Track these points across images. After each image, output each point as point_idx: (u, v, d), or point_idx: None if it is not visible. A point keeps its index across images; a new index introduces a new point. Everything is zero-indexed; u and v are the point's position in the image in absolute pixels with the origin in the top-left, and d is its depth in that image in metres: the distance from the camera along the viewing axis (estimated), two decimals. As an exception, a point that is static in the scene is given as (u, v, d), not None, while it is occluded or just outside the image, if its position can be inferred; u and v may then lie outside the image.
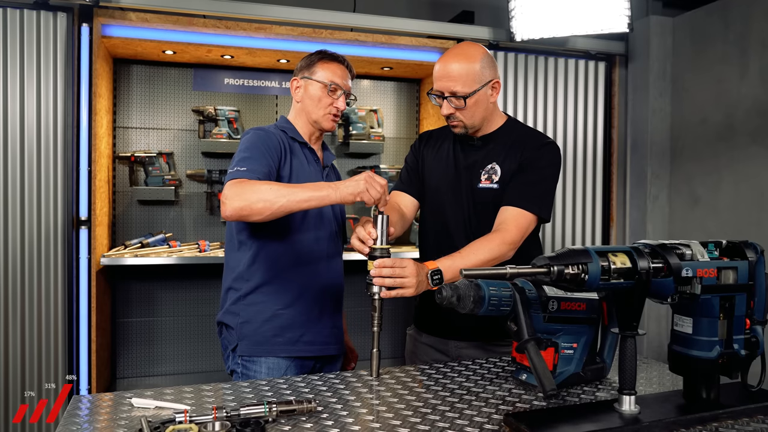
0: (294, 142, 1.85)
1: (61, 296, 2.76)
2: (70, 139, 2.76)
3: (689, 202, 3.61)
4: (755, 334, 1.29)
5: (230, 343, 1.82)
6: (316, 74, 1.87)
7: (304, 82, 1.88)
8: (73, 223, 2.77)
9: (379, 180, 1.54)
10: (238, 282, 1.82)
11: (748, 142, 3.25)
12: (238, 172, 1.62)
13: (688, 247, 1.23)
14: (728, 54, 3.36)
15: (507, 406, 1.29)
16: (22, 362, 2.72)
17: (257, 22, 3.03)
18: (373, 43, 3.22)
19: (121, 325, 3.38)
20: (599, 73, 3.65)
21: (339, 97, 1.87)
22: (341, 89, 1.87)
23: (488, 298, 1.28)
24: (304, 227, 1.81)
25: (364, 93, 3.79)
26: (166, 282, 3.44)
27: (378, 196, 1.53)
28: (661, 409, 1.22)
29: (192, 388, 1.38)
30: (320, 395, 1.35)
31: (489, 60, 1.77)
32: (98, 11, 2.78)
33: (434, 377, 1.50)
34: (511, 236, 1.67)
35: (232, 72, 3.55)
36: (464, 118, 1.76)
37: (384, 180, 1.55)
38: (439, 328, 1.87)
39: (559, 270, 1.12)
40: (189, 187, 3.48)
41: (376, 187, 1.53)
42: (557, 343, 1.40)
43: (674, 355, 1.30)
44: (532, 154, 1.77)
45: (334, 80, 1.86)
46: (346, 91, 1.89)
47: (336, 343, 1.91)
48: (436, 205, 1.88)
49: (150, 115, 3.43)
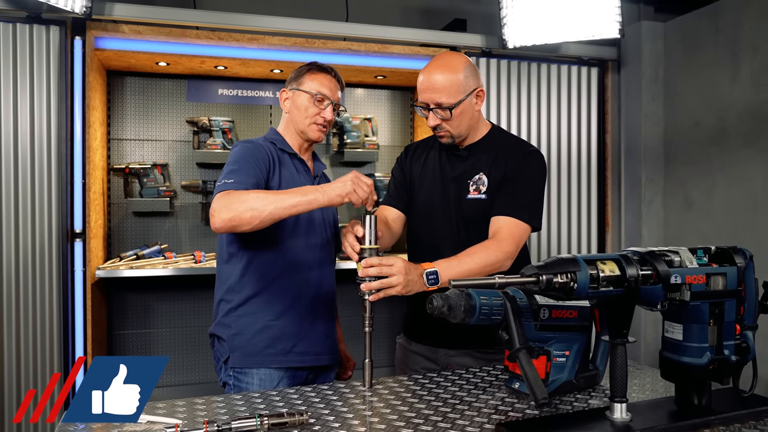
0: (283, 154, 1.86)
1: (57, 309, 2.76)
2: (64, 152, 2.77)
3: (684, 206, 3.62)
4: (745, 340, 1.29)
5: (222, 355, 1.81)
6: (304, 85, 1.88)
7: (292, 93, 1.89)
8: (68, 236, 2.77)
9: (365, 180, 1.54)
10: (230, 294, 1.82)
11: (740, 145, 3.26)
12: (225, 184, 1.63)
13: (677, 254, 1.24)
14: (719, 58, 3.37)
15: (499, 415, 1.29)
16: (18, 377, 2.70)
17: (250, 33, 3.04)
18: (366, 52, 3.23)
19: (117, 337, 3.37)
20: (592, 79, 3.67)
21: (326, 107, 1.87)
22: (329, 99, 1.87)
23: (479, 308, 1.29)
24: (293, 235, 1.81)
25: (358, 102, 3.80)
26: (162, 293, 3.43)
27: (365, 195, 1.54)
28: (652, 416, 1.22)
29: (184, 401, 1.38)
30: (313, 407, 1.35)
31: (472, 69, 1.77)
32: (91, 24, 2.79)
33: (427, 387, 1.50)
34: (507, 246, 1.67)
35: (225, 83, 3.56)
36: (451, 128, 1.77)
37: (370, 180, 1.56)
38: (429, 336, 1.87)
39: (548, 279, 1.12)
40: (184, 198, 3.48)
41: (363, 187, 1.53)
42: (549, 351, 1.40)
43: (665, 361, 1.31)
44: (518, 163, 1.78)
45: (321, 90, 1.86)
46: (334, 101, 1.89)
47: (329, 353, 1.90)
48: (425, 217, 1.89)
49: (144, 126, 3.44)
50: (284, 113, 1.93)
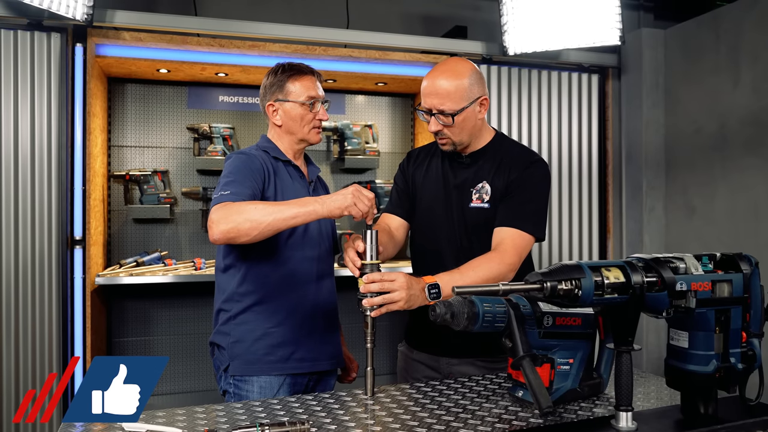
0: (277, 162, 1.85)
1: (56, 317, 2.74)
2: (65, 159, 2.76)
3: (685, 213, 3.61)
4: (752, 347, 1.28)
5: (222, 364, 1.80)
6: (290, 94, 1.85)
7: (280, 104, 1.86)
8: (68, 243, 2.76)
9: (366, 194, 1.53)
10: (228, 303, 1.81)
11: (741, 152, 3.26)
12: (222, 196, 1.62)
13: (682, 261, 1.23)
14: (720, 64, 3.38)
15: (503, 424, 1.27)
16: (16, 385, 2.68)
17: (251, 40, 3.04)
18: (366, 59, 3.23)
19: (117, 344, 3.36)
20: (592, 86, 3.66)
21: (319, 108, 1.86)
22: (318, 100, 1.86)
23: (482, 315, 1.27)
24: (290, 247, 1.80)
25: (358, 108, 3.80)
26: (162, 301, 3.42)
27: (366, 209, 1.52)
28: (658, 425, 1.21)
29: (184, 410, 1.36)
30: (314, 416, 1.33)
31: (477, 76, 1.75)
32: (92, 31, 2.79)
33: (430, 395, 1.49)
34: (510, 257, 1.66)
35: (226, 89, 3.56)
36: (452, 135, 1.75)
37: (371, 194, 1.54)
38: (431, 345, 1.85)
39: (552, 286, 1.11)
40: (184, 205, 3.47)
41: (363, 201, 1.52)
42: (553, 359, 1.38)
43: (671, 369, 1.29)
44: (522, 173, 1.76)
45: (309, 94, 1.85)
46: (322, 99, 1.88)
47: (329, 359, 1.89)
48: (427, 224, 1.87)
49: (145, 133, 3.43)
50: (275, 125, 1.89)
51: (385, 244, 1.72)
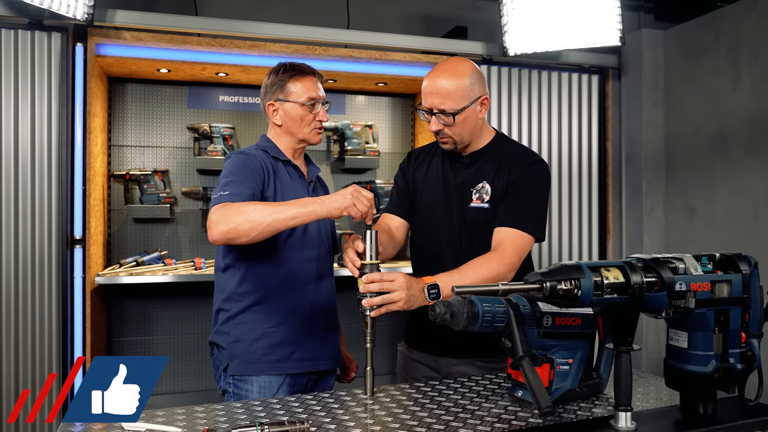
0: (277, 161, 1.85)
1: (56, 316, 2.74)
2: (65, 158, 2.76)
3: (685, 214, 3.61)
4: (751, 348, 1.28)
5: (221, 363, 1.80)
6: (291, 94, 1.85)
7: (281, 104, 1.86)
8: (68, 242, 2.76)
9: (366, 194, 1.53)
10: (228, 303, 1.81)
11: (741, 153, 3.26)
12: (221, 196, 1.62)
13: (681, 261, 1.23)
14: (720, 66, 3.38)
15: (502, 424, 1.27)
16: (16, 385, 2.68)
17: (251, 40, 3.04)
18: (367, 59, 3.23)
19: (117, 344, 3.36)
20: (593, 86, 3.66)
21: (319, 109, 1.86)
22: (319, 101, 1.86)
23: (482, 315, 1.27)
24: (289, 248, 1.80)
25: (359, 108, 3.80)
26: (162, 300, 3.42)
27: (365, 210, 1.52)
28: (657, 425, 1.21)
29: (184, 409, 1.36)
30: (314, 415, 1.34)
31: (478, 76, 1.75)
32: (92, 31, 2.79)
33: (429, 395, 1.49)
34: (510, 258, 1.66)
35: (226, 89, 3.56)
36: (453, 134, 1.75)
37: (371, 194, 1.54)
38: (430, 344, 1.85)
39: (551, 286, 1.12)
40: (184, 205, 3.48)
41: (363, 201, 1.52)
42: (552, 359, 1.38)
43: (670, 369, 1.29)
44: (522, 173, 1.76)
45: (310, 95, 1.85)
46: (323, 100, 1.88)
47: (328, 358, 1.89)
48: (427, 224, 1.87)
49: (145, 133, 3.43)
50: (275, 125, 1.89)
51: (384, 244, 1.72)
